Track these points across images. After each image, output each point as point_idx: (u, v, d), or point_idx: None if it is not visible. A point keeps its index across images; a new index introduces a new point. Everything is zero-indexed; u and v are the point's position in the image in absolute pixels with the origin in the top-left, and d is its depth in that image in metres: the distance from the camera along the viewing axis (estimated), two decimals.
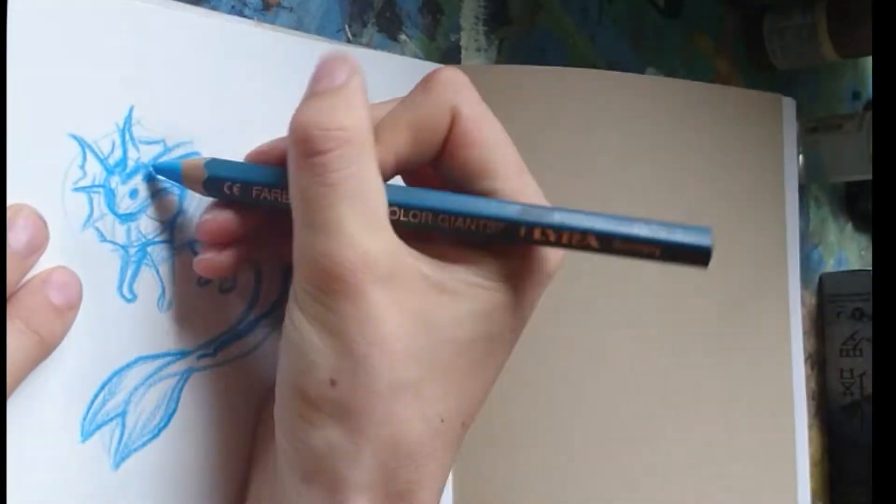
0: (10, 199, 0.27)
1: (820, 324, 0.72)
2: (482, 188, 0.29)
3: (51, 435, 0.28)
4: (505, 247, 0.28)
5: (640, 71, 0.55)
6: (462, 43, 0.43)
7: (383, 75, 0.38)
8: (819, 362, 0.71)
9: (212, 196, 0.31)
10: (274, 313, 0.34)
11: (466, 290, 0.27)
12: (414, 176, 0.31)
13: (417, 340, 0.26)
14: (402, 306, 0.26)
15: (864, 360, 0.71)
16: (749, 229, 0.43)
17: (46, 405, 0.28)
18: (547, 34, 0.49)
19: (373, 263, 0.25)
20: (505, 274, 0.28)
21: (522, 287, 0.28)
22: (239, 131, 0.33)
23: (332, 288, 0.25)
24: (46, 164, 0.29)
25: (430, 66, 0.39)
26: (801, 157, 0.71)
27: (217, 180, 0.30)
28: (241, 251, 0.31)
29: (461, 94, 0.29)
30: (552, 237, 0.27)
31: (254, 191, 0.29)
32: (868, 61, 0.82)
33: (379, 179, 0.27)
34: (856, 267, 0.81)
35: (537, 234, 0.27)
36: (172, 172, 0.31)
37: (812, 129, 0.71)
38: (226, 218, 0.30)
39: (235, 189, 0.30)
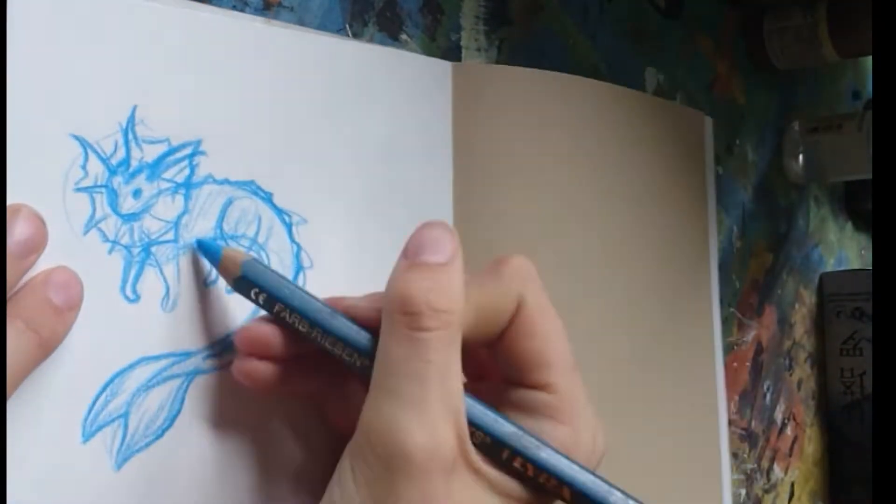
0: (11, 200, 0.27)
1: (820, 323, 0.72)
2: (534, 380, 0.29)
3: (51, 435, 0.28)
4: None
5: (640, 71, 0.55)
6: (462, 43, 0.43)
7: (391, 71, 0.39)
8: (819, 362, 0.71)
9: (241, 294, 0.30)
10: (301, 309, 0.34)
11: (520, 494, 0.28)
12: (466, 356, 0.32)
13: None
14: (461, 495, 0.26)
15: (864, 359, 0.71)
16: (671, 238, 0.44)
17: (47, 405, 0.28)
18: (547, 34, 0.49)
19: (444, 451, 0.26)
20: None
21: None
22: (247, 129, 0.33)
23: (398, 465, 0.25)
24: (47, 164, 0.28)
25: (435, 63, 0.40)
26: (801, 156, 0.71)
27: (248, 282, 0.30)
28: (288, 372, 0.30)
29: (528, 284, 0.29)
30: (530, 472, 0.28)
31: (276, 306, 0.29)
32: (868, 61, 0.82)
33: (460, 366, 0.27)
34: (856, 266, 0.81)
35: (517, 462, 0.28)
36: (212, 256, 0.31)
37: (812, 130, 0.71)
38: (265, 332, 0.30)
39: (261, 298, 0.30)
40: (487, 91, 0.42)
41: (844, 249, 0.81)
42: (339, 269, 0.36)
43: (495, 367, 0.31)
